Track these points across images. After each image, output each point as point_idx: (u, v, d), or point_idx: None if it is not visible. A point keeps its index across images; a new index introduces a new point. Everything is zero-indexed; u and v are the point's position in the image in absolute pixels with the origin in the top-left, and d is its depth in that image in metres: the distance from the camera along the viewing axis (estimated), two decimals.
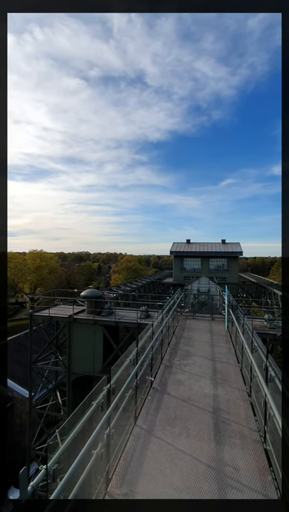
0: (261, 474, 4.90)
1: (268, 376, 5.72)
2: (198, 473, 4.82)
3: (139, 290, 34.01)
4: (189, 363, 9.69)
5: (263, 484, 4.68)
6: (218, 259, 43.52)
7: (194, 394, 7.54)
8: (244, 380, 8.44)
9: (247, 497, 4.35)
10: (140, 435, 5.77)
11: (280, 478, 4.63)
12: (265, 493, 4.53)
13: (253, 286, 44.43)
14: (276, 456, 4.99)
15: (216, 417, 6.54)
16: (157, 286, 44.52)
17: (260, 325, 16.45)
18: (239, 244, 44.55)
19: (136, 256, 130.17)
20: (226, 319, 15.20)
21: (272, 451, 5.23)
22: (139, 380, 6.68)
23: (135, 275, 63.94)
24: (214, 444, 5.59)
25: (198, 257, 43.58)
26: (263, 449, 5.53)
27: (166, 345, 11.36)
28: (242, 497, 4.37)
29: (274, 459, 5.07)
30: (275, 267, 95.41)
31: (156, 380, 8.26)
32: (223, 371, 9.22)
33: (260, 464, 5.15)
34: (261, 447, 5.58)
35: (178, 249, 44.12)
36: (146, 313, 17.60)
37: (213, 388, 7.94)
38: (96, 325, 16.73)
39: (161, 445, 5.52)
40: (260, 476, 4.85)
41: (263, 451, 5.46)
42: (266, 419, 5.69)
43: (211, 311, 18.46)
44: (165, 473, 4.80)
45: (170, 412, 6.62)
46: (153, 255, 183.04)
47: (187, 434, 5.85)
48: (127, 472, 4.82)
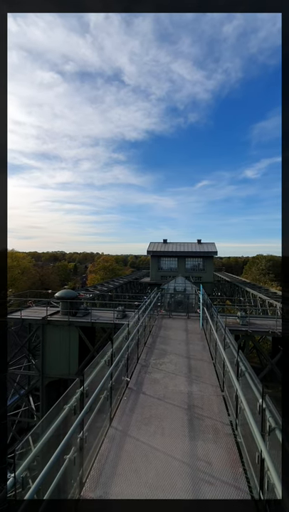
0: (233, 467, 5.07)
1: (239, 371, 5.93)
2: (172, 471, 4.87)
3: (116, 290, 33.80)
4: (165, 362, 9.79)
5: (234, 476, 4.84)
6: (194, 258, 44.48)
7: (170, 392, 7.63)
8: (217, 376, 8.69)
9: (218, 490, 4.47)
10: (115, 436, 5.72)
11: (250, 469, 4.82)
12: (236, 484, 4.69)
13: (227, 284, 45.98)
14: (246, 448, 5.19)
15: (190, 414, 6.66)
16: (134, 285, 44.53)
17: (233, 322, 17.06)
18: (214, 244, 45.87)
19: (113, 256, 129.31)
20: (201, 317, 15.57)
21: (243, 444, 5.43)
22: (115, 381, 6.63)
23: (112, 275, 63.44)
24: (188, 441, 5.69)
25: (174, 257, 44.23)
26: (235, 441, 5.73)
27: (143, 345, 11.38)
28: (214, 490, 4.48)
29: (245, 451, 5.27)
30: (247, 266, 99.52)
31: (132, 379, 8.25)
32: (197, 368, 9.43)
33: (232, 457, 5.32)
34: (233, 440, 5.77)
35: (155, 249, 44.46)
36: (123, 313, 17.53)
37: (188, 385, 8.09)
38: (71, 326, 16.35)
39: (137, 445, 5.51)
40: (232, 469, 5.02)
41: (235, 444, 5.66)
42: (237, 412, 5.90)
43: (186, 310, 18.81)
44: (140, 473, 4.80)
45: (145, 411, 6.64)
46: (130, 255, 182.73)
47: (162, 432, 5.90)
48: (101, 475, 4.75)
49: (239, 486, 4.63)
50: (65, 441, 3.49)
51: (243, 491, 4.55)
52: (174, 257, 44.29)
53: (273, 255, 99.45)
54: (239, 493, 4.50)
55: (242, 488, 4.59)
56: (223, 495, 4.42)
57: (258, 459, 4.22)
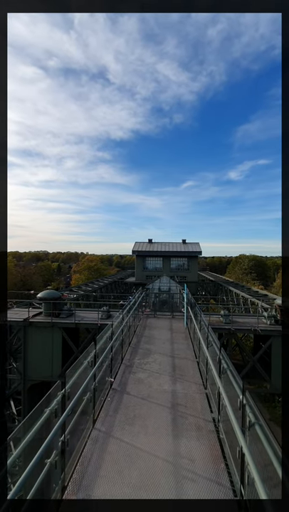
0: (215, 463, 5.15)
1: (221, 368, 6.04)
2: (155, 470, 4.88)
3: (101, 290, 33.51)
4: (149, 361, 9.81)
5: (216, 472, 4.92)
6: (179, 258, 44.92)
7: (154, 391, 7.65)
8: (201, 374, 8.82)
9: (201, 487, 4.53)
10: (98, 438, 5.66)
11: (232, 464, 4.92)
12: (218, 480, 4.77)
13: (211, 284, 46.78)
14: (228, 443, 5.29)
15: (174, 412, 6.70)
16: (120, 285, 44.36)
17: (217, 320, 17.38)
18: (198, 244, 46.53)
19: (98, 255, 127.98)
20: (185, 316, 15.74)
21: (225, 440, 5.53)
22: (99, 382, 6.56)
23: (97, 275, 62.83)
24: (172, 439, 5.73)
25: (159, 257, 44.46)
26: (217, 438, 5.83)
27: (127, 345, 11.35)
28: (196, 487, 4.54)
29: (226, 447, 5.37)
30: (230, 265, 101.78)
31: (116, 380, 8.20)
32: (181, 367, 9.52)
33: (214, 453, 5.41)
34: (215, 436, 5.87)
35: (140, 249, 44.49)
36: (108, 314, 17.41)
37: (172, 384, 8.15)
38: (54, 328, 16.03)
39: (120, 446, 5.48)
40: (214, 465, 5.10)
41: (217, 440, 5.75)
42: (219, 409, 6.01)
43: (171, 309, 18.95)
44: (123, 474, 4.78)
45: (129, 411, 6.62)
46: (115, 255, 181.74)
47: (146, 431, 5.90)
48: (83, 477, 4.68)
49: (221, 482, 4.71)
50: (46, 445, 3.41)
51: (224, 486, 4.63)
52: (159, 257, 44.51)
53: (255, 255, 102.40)
54: (221, 489, 4.58)
55: (224, 484, 4.67)
56: (205, 491, 4.48)
57: (238, 454, 4.32)
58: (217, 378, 5.90)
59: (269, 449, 3.44)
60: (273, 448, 3.45)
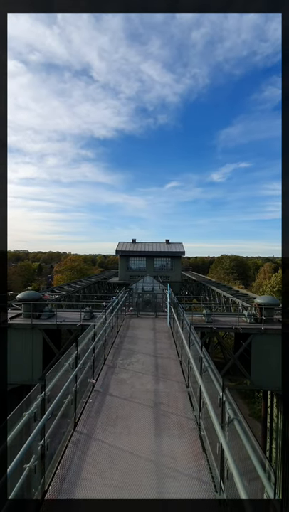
0: (196, 460, 5.24)
1: (202, 367, 6.15)
2: (137, 470, 4.89)
3: (84, 290, 33.07)
4: (132, 362, 9.80)
5: (197, 469, 5.00)
6: (163, 258, 45.21)
7: (136, 391, 7.65)
8: (183, 373, 8.93)
9: (182, 484, 4.59)
10: (80, 440, 5.58)
11: (212, 460, 5.02)
12: (199, 477, 4.85)
13: (194, 284, 47.49)
14: (209, 439, 5.40)
15: (156, 411, 6.74)
16: (103, 285, 43.99)
17: (199, 319, 17.65)
18: (182, 245, 47.08)
19: (81, 255, 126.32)
20: (168, 316, 15.88)
21: (206, 436, 5.64)
22: (80, 384, 6.47)
23: (80, 275, 61.93)
24: (154, 438, 5.76)
25: (143, 257, 44.52)
26: (198, 435, 5.93)
27: (110, 346, 11.28)
28: (178, 484, 4.59)
29: (207, 443, 5.47)
30: (213, 265, 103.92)
31: (99, 381, 8.13)
32: (164, 366, 9.59)
33: (196, 450, 5.50)
34: (197, 434, 5.97)
35: (124, 249, 44.34)
36: (91, 314, 17.21)
37: (155, 384, 8.19)
38: (35, 329, 15.63)
39: (102, 447, 5.44)
40: (195, 462, 5.18)
41: (198, 438, 5.85)
42: (201, 406, 6.11)
43: (154, 309, 19.04)
44: (105, 475, 4.74)
45: (112, 412, 6.58)
46: (99, 254, 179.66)
47: (128, 432, 5.89)
48: (64, 481, 4.60)
49: (202, 478, 4.80)
50: (24, 450, 3.32)
51: (205, 482, 4.72)
52: (142, 257, 44.58)
53: (237, 255, 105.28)
54: (202, 485, 4.66)
55: (204, 480, 4.76)
56: (186, 488, 4.54)
57: (218, 450, 4.41)
58: (198, 377, 6.00)
59: (247, 443, 3.54)
60: (251, 442, 3.55)
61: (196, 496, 4.39)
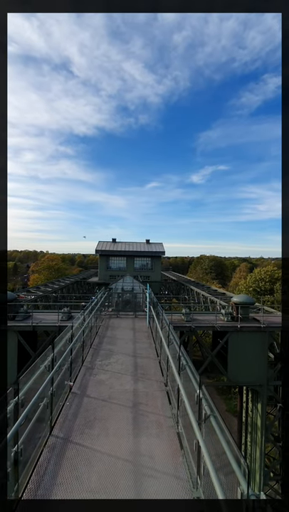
0: (174, 457, 5.29)
1: (180, 365, 6.22)
2: (115, 471, 4.85)
3: (62, 291, 32.32)
4: (111, 362, 9.71)
5: (175, 466, 5.05)
6: (143, 258, 45.31)
7: (115, 392, 7.59)
8: (162, 372, 8.99)
9: (160, 482, 4.61)
10: (56, 444, 5.43)
11: (190, 456, 5.09)
12: (176, 474, 4.90)
13: (173, 283, 48.06)
14: (187, 436, 5.47)
15: (135, 411, 6.73)
16: (82, 285, 43.27)
17: (179, 319, 17.88)
18: (162, 245, 47.46)
19: (59, 254, 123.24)
20: (148, 316, 15.93)
21: (184, 434, 5.71)
22: (57, 387, 6.31)
23: (58, 275, 60.43)
24: (132, 438, 5.74)
25: (123, 256, 44.36)
26: (176, 433, 5.99)
27: (89, 346, 11.11)
28: (156, 483, 4.60)
29: (185, 440, 5.55)
30: (192, 265, 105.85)
31: (76, 383, 7.97)
32: (143, 366, 9.60)
33: (173, 448, 5.56)
34: (175, 432, 6.03)
35: (104, 248, 43.90)
36: (69, 315, 16.85)
37: (134, 384, 8.17)
38: (9, 331, 15.02)
39: (79, 450, 5.33)
40: (173, 459, 5.23)
41: (176, 435, 5.92)
42: (179, 405, 6.18)
43: (134, 309, 19.02)
44: (82, 479, 4.65)
45: (89, 414, 6.47)
46: (78, 254, 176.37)
47: (106, 433, 5.83)
48: (39, 487, 4.45)
49: (179, 475, 4.85)
50: None
51: (182, 479, 4.78)
52: (122, 257, 44.40)
53: (215, 256, 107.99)
54: (179, 482, 4.71)
55: (182, 477, 4.82)
56: (164, 486, 4.57)
57: (195, 447, 4.49)
58: (176, 375, 6.06)
59: (222, 438, 3.63)
60: (226, 438, 3.65)
61: (174, 492, 4.43)
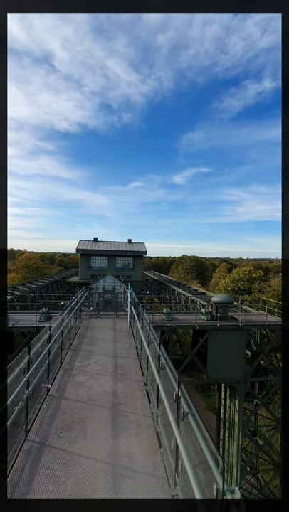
0: (152, 456, 5.30)
1: (160, 364, 6.25)
2: (93, 473, 4.77)
3: (41, 290, 31.45)
4: (91, 363, 9.57)
5: (153, 465, 5.06)
6: (125, 258, 45.16)
7: (94, 393, 7.48)
8: (142, 371, 8.99)
9: (138, 482, 4.60)
10: (32, 449, 5.26)
11: (168, 454, 5.12)
12: (155, 473, 4.92)
13: (155, 283, 48.29)
14: (166, 435, 5.50)
15: (114, 412, 6.67)
16: (62, 285, 42.36)
17: (160, 318, 17.99)
18: (144, 244, 47.55)
19: (38, 253, 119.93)
20: (129, 316, 15.89)
21: (163, 432, 5.74)
22: (33, 389, 6.11)
23: (37, 274, 58.76)
24: (111, 439, 5.68)
25: (105, 256, 43.96)
26: (155, 432, 6.01)
27: (67, 348, 10.88)
28: (134, 483, 4.58)
29: (164, 439, 5.57)
30: (174, 265, 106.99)
31: (54, 385, 7.77)
32: (124, 366, 9.55)
33: (152, 447, 5.57)
34: (154, 431, 6.04)
35: (85, 247, 43.25)
36: (48, 316, 16.41)
37: (114, 384, 8.11)
38: None
39: (56, 454, 5.20)
40: (152, 458, 5.24)
41: (155, 434, 5.93)
42: (158, 403, 6.21)
43: (115, 309, 18.90)
44: (58, 483, 4.54)
45: (67, 417, 6.33)
46: (58, 253, 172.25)
47: (84, 436, 5.73)
48: (14, 492, 4.29)
49: (157, 474, 4.87)
50: None
51: (160, 477, 4.80)
52: (104, 256, 43.99)
53: (196, 256, 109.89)
54: (157, 481, 4.73)
55: (160, 476, 4.83)
56: (142, 486, 4.56)
57: (173, 445, 4.52)
58: (156, 374, 6.08)
59: (200, 435, 3.68)
60: (203, 435, 3.70)
61: (152, 492, 4.43)
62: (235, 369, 17.18)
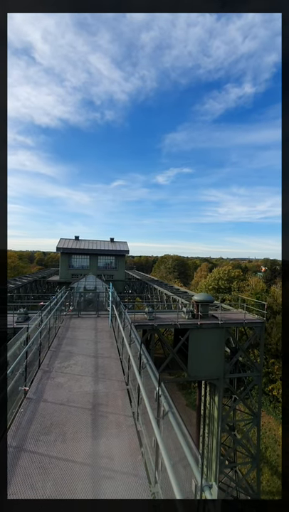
0: (133, 456, 5.29)
1: (141, 363, 6.25)
2: (72, 476, 4.69)
3: (19, 290, 30.45)
4: (71, 364, 9.39)
5: (133, 465, 5.05)
6: (107, 257, 44.73)
7: (74, 395, 7.35)
8: (123, 371, 8.94)
9: (118, 483, 4.57)
10: (7, 455, 5.07)
11: (148, 453, 5.13)
12: (135, 472, 4.91)
13: (137, 282, 48.26)
14: (147, 433, 5.51)
15: (94, 413, 6.59)
16: (41, 285, 41.25)
17: (142, 317, 18.00)
18: (126, 243, 47.35)
19: (16, 251, 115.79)
20: (110, 315, 15.77)
21: (143, 431, 5.75)
22: (10, 393, 5.89)
23: (14, 273, 56.81)
24: (91, 441, 5.61)
25: (86, 255, 43.30)
26: (136, 431, 6.00)
27: (47, 349, 10.61)
28: (114, 484, 4.55)
29: (144, 437, 5.58)
30: (156, 265, 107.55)
31: (32, 388, 7.54)
32: (104, 366, 9.45)
33: (133, 446, 5.55)
34: (134, 430, 6.03)
35: (66, 246, 42.34)
36: (26, 316, 15.91)
37: (94, 385, 8.00)
38: None
39: (33, 458, 5.05)
40: (132, 458, 5.23)
41: (136, 433, 5.93)
42: (139, 403, 6.21)
43: (96, 309, 18.68)
44: (36, 487, 4.42)
45: (46, 420, 6.17)
46: (38, 251, 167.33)
47: (63, 438, 5.61)
48: None
49: (138, 473, 4.87)
50: None
51: (141, 476, 4.80)
52: (85, 255, 43.33)
53: (178, 255, 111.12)
54: (138, 480, 4.72)
55: (140, 475, 4.83)
56: (122, 485, 4.54)
57: (153, 443, 4.53)
58: (137, 373, 6.07)
59: (179, 433, 3.72)
60: (183, 432, 3.74)
61: (132, 491, 4.42)
62: (215, 366, 17.57)
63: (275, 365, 31.01)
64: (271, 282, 53.96)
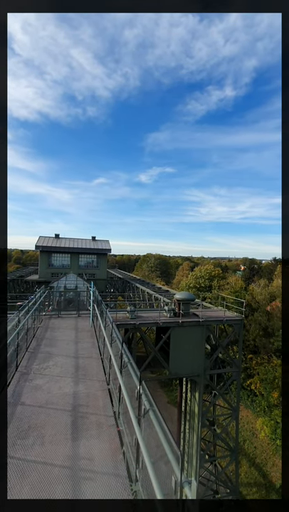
0: (114, 456, 5.24)
1: (122, 363, 6.21)
2: (50, 479, 4.56)
3: None
4: (50, 365, 9.16)
5: (114, 464, 5.01)
6: (88, 255, 44.10)
7: (53, 396, 7.17)
8: (104, 371, 8.85)
9: (98, 484, 4.51)
10: None
11: (130, 452, 5.10)
12: (116, 472, 4.87)
13: (119, 281, 48.03)
14: (128, 432, 5.48)
15: (74, 415, 6.46)
16: (19, 284, 39.92)
17: (124, 316, 17.92)
18: (108, 242, 46.92)
19: None
20: (91, 315, 15.56)
21: (124, 431, 5.71)
22: None
23: None
24: (71, 443, 5.50)
25: (67, 253, 42.43)
26: (117, 430, 5.96)
27: (24, 350, 10.27)
28: (94, 485, 4.48)
29: (125, 437, 5.55)
30: (138, 263, 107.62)
31: (9, 391, 7.27)
32: (85, 366, 9.31)
33: (114, 446, 5.51)
34: (115, 430, 5.98)
35: (45, 244, 41.24)
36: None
37: (74, 386, 7.86)
38: None
39: (10, 463, 4.86)
40: (113, 458, 5.18)
41: (117, 433, 5.88)
42: (120, 402, 6.17)
43: (77, 308, 18.37)
44: (12, 492, 4.25)
45: (23, 423, 5.97)
46: (16, 249, 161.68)
47: (42, 442, 5.45)
48: None
49: (119, 473, 4.83)
50: None
51: (122, 476, 4.77)
52: (66, 254, 42.44)
53: (161, 254, 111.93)
54: (118, 480, 4.69)
55: (121, 474, 4.80)
56: (103, 486, 4.49)
57: (134, 442, 4.52)
58: (118, 373, 6.02)
59: (160, 430, 3.72)
60: (164, 429, 3.75)
61: (112, 491, 4.38)
62: (196, 363, 17.88)
63: (253, 360, 32.12)
64: (250, 281, 55.76)
